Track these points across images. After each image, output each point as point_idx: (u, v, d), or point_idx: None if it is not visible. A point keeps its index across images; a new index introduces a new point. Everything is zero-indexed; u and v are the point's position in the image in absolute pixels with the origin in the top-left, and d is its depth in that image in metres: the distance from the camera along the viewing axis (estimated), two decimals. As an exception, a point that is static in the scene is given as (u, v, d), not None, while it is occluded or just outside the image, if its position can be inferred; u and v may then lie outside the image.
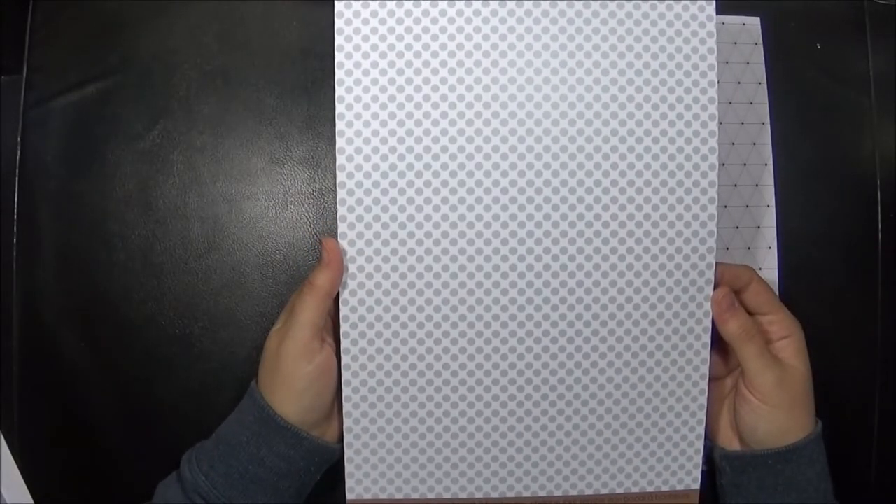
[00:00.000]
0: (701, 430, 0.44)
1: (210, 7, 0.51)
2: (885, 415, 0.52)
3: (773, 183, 0.52)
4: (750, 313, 0.44)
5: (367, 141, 0.41)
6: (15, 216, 0.50)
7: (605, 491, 0.44)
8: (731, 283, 0.44)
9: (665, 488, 0.45)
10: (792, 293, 0.51)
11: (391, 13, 0.41)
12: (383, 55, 0.41)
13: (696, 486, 0.45)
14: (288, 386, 0.41)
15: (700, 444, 0.44)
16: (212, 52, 0.51)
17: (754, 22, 0.52)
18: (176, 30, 0.51)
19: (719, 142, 0.43)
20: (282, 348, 0.41)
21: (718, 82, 0.41)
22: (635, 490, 0.45)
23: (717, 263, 0.44)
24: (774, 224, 0.52)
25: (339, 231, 0.42)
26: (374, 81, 0.41)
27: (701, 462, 0.45)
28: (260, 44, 0.51)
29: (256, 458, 0.40)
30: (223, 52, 0.51)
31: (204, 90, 0.51)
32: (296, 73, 0.51)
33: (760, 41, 0.52)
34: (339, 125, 0.41)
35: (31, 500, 0.47)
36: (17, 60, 0.50)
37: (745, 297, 0.44)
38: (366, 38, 0.41)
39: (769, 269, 0.52)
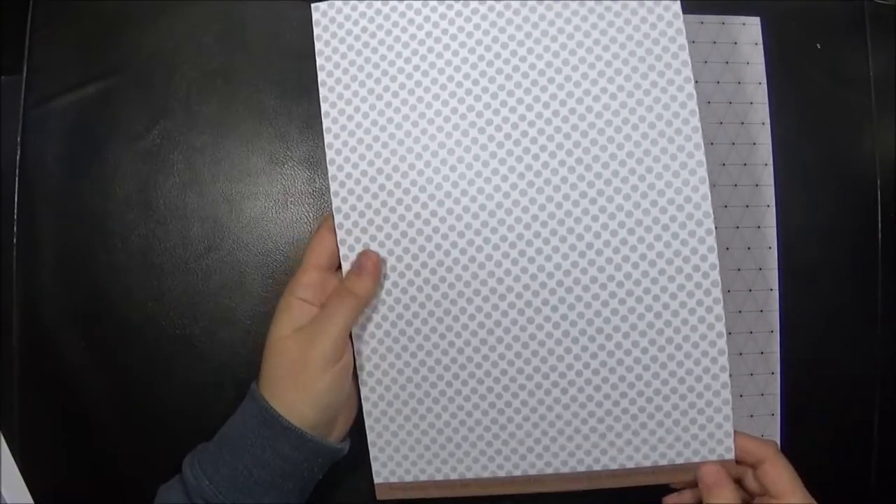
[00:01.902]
0: (727, 394, 0.42)
1: (210, 7, 0.51)
2: (885, 415, 0.52)
3: (773, 183, 0.52)
4: (764, 495, 0.42)
5: (351, 134, 0.44)
6: (15, 216, 0.50)
7: (630, 465, 0.43)
8: (743, 457, 0.42)
9: (696, 459, 0.43)
10: (792, 293, 0.52)
11: (363, 14, 0.44)
12: (359, 53, 0.44)
13: (731, 455, 0.43)
14: (310, 386, 0.41)
15: (728, 410, 0.42)
16: (212, 52, 0.51)
17: (754, 22, 0.52)
18: (176, 30, 0.51)
19: (719, 142, 0.43)
20: (312, 350, 0.41)
21: (718, 81, 0.41)
22: (663, 462, 0.43)
23: (735, 432, 0.43)
24: (774, 224, 0.52)
25: (336, 222, 0.44)
26: (354, 78, 0.44)
27: (732, 429, 0.43)
28: (260, 44, 0.51)
29: (260, 461, 0.40)
30: (223, 52, 0.51)
31: (204, 90, 0.51)
32: (296, 73, 0.51)
33: (760, 41, 0.52)
34: (326, 122, 0.44)
35: (31, 500, 0.47)
36: (17, 60, 0.50)
37: (759, 473, 0.42)
38: (342, 40, 0.44)
39: (769, 269, 0.52)
